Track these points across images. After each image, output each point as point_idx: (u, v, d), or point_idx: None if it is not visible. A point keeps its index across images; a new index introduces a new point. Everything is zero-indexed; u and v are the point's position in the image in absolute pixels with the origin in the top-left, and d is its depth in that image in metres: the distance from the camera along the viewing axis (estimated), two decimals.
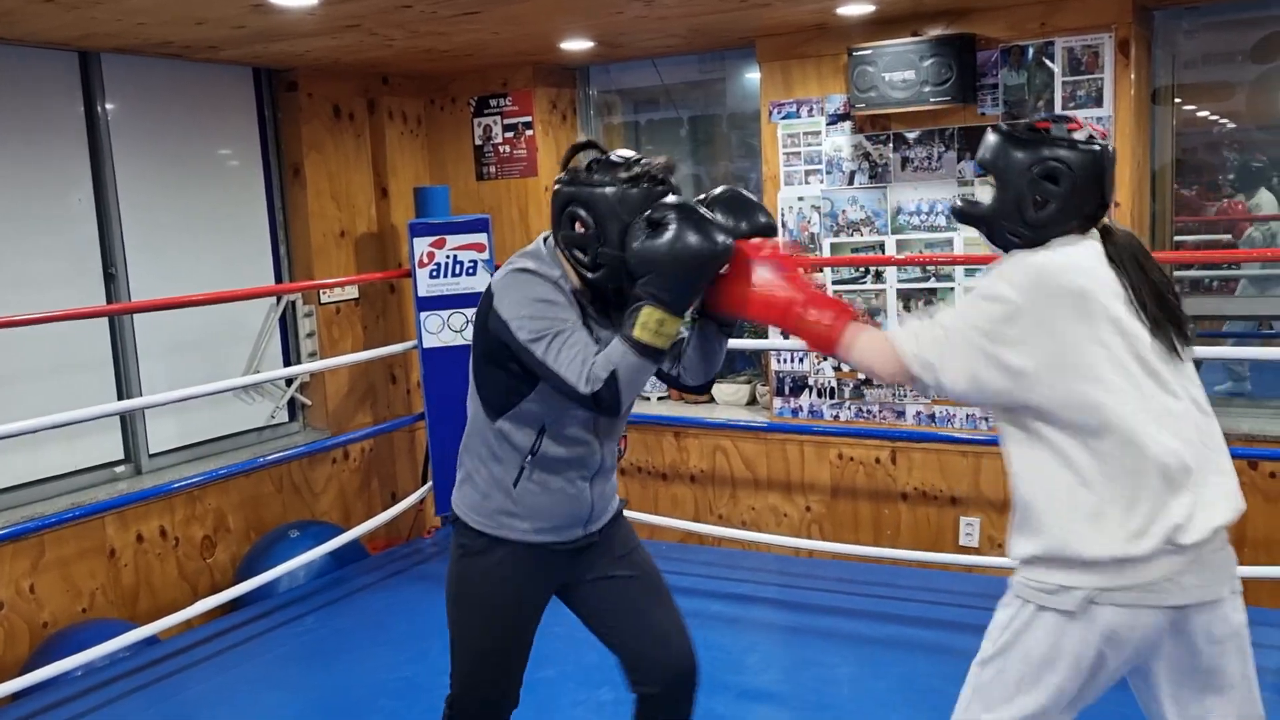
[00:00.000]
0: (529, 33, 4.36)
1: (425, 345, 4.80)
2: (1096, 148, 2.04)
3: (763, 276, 2.13)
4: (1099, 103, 4.20)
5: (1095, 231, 2.08)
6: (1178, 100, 4.72)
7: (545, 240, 2.31)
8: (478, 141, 5.52)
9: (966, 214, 2.16)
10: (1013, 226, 2.05)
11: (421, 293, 4.77)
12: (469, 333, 4.76)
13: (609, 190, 2.15)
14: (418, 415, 5.20)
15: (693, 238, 2.04)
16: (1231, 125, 5.02)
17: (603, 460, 2.36)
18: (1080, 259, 2.00)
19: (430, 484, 4.99)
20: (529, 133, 5.38)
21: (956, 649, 3.84)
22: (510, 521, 2.31)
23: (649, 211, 2.11)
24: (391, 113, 5.46)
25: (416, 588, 4.73)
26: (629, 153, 2.23)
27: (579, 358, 2.10)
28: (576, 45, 4.73)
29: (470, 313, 4.78)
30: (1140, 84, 4.30)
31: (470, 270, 4.74)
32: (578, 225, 2.18)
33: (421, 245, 4.73)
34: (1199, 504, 1.97)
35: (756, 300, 2.14)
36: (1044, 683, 2.01)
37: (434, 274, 4.74)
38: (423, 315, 4.78)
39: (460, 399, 4.79)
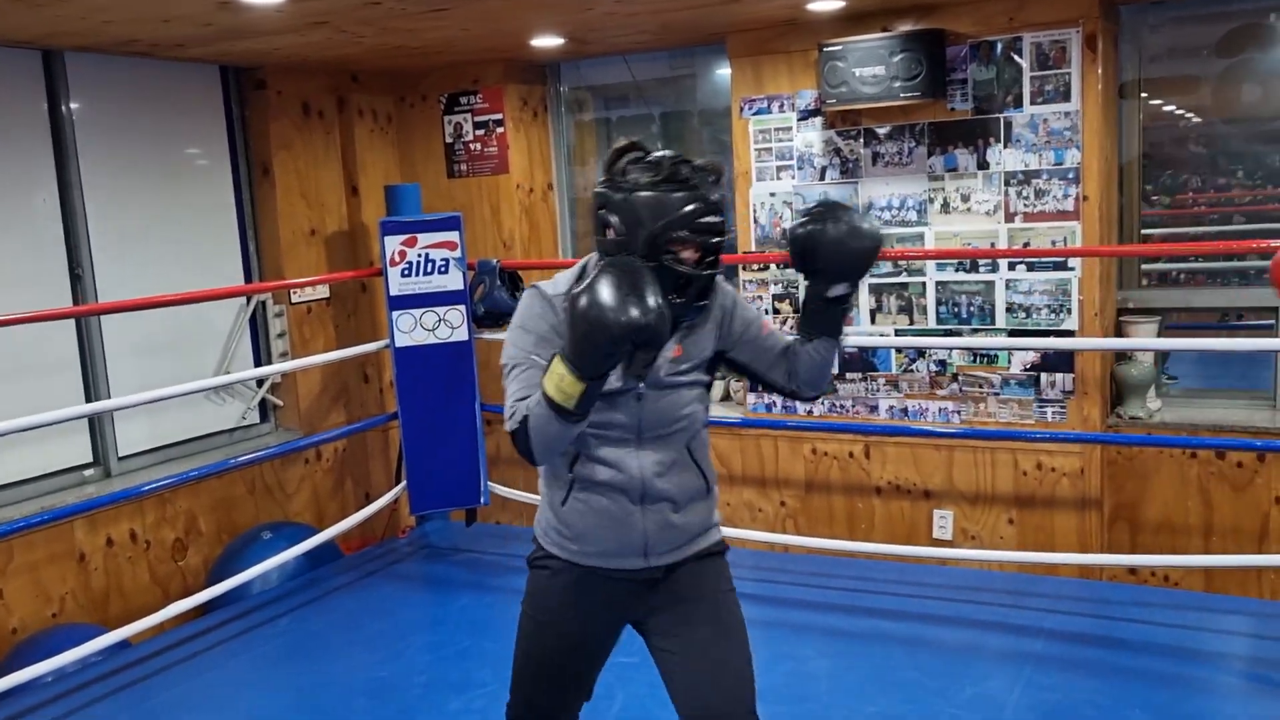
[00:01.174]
0: (499, 30, 4.34)
1: (398, 344, 4.78)
2: None
3: None
4: (1066, 97, 4.24)
5: None
6: (1145, 95, 4.77)
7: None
8: (448, 139, 5.50)
9: None
10: None
11: (393, 291, 4.74)
12: (442, 331, 4.76)
13: (638, 194, 2.05)
14: (391, 415, 5.18)
15: (585, 303, 1.87)
16: (1198, 120, 5.07)
17: (646, 486, 2.20)
18: None
19: (404, 483, 4.97)
20: (500, 130, 5.36)
21: (930, 640, 3.88)
22: (562, 541, 2.27)
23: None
24: (361, 110, 5.42)
25: (391, 587, 4.72)
26: (666, 152, 2.10)
27: (517, 394, 2.08)
28: (547, 42, 4.72)
29: (442, 310, 4.77)
30: (1107, 79, 4.33)
31: (442, 269, 4.73)
32: (609, 231, 2.09)
33: (393, 244, 4.70)
34: None
35: None
36: None
37: (406, 272, 4.72)
38: (395, 314, 4.76)
39: (434, 396, 4.81)
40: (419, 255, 4.70)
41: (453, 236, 4.73)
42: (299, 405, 5.18)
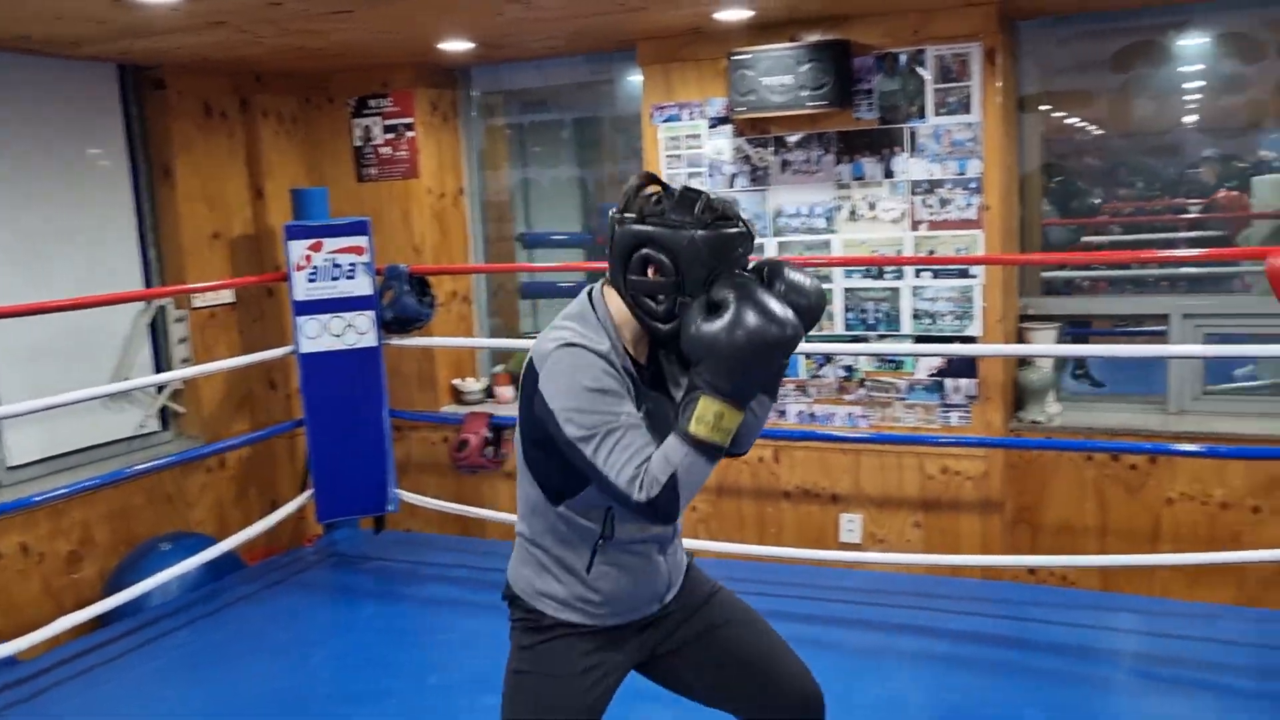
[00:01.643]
0: (406, 33, 4.30)
1: (303, 350, 4.69)
2: None
3: None
4: (968, 109, 4.33)
5: None
6: (1046, 107, 4.90)
7: (590, 294, 2.05)
8: (358, 142, 5.42)
9: None
10: None
11: (299, 296, 4.66)
12: (349, 337, 4.69)
13: (693, 233, 1.91)
14: (297, 421, 5.08)
15: (755, 322, 1.81)
16: (1099, 132, 5.22)
17: (676, 527, 2.14)
18: None
19: (310, 491, 4.89)
20: (410, 134, 5.30)
21: (837, 643, 3.93)
22: (587, 608, 2.09)
23: (710, 290, 1.89)
24: (266, 111, 5.32)
25: (296, 597, 4.63)
26: (698, 189, 2.00)
27: (633, 461, 1.85)
28: (456, 46, 4.68)
29: (350, 316, 4.70)
30: (1007, 92, 4.44)
31: (350, 274, 4.66)
32: (651, 271, 1.94)
33: (298, 248, 4.62)
34: None
35: None
36: None
37: (312, 277, 4.64)
38: (300, 319, 4.67)
39: (341, 403, 4.74)
40: (325, 260, 4.63)
41: (360, 241, 4.66)
42: (201, 412, 5.06)
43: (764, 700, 2.19)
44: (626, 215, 1.98)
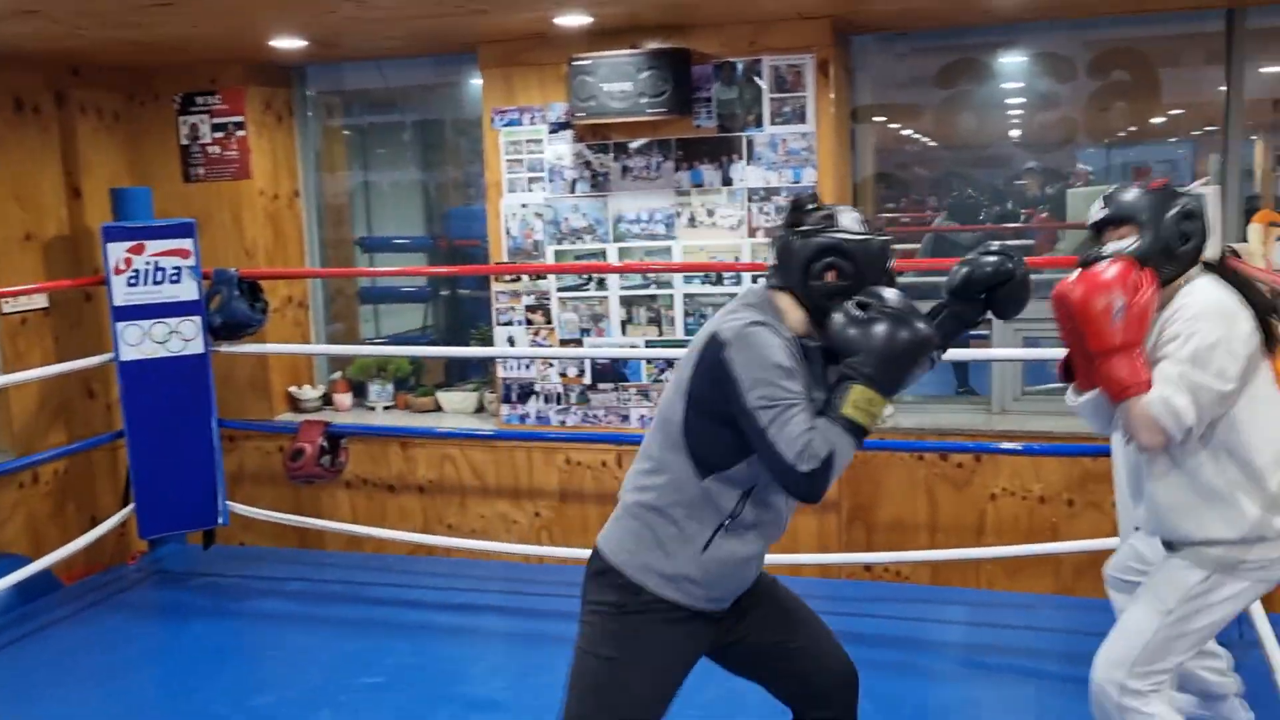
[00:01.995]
0: (234, 29, 4.15)
1: (124, 358, 4.46)
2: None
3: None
4: (802, 119, 4.44)
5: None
6: (879, 119, 5.07)
7: (765, 290, 2.22)
8: (184, 141, 5.20)
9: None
10: (1162, 264, 2.39)
11: (118, 301, 4.43)
12: (174, 343, 4.49)
13: (872, 243, 2.17)
14: (117, 433, 4.83)
15: (906, 330, 2.06)
16: (933, 143, 5.44)
17: (784, 524, 2.27)
18: (1230, 295, 2.40)
19: (133, 505, 4.65)
20: (241, 133, 5.12)
21: None
22: (688, 586, 2.15)
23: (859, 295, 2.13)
24: (84, 107, 5.05)
25: (117, 617, 4.40)
26: (845, 205, 2.25)
27: (802, 436, 2.01)
28: (288, 43, 4.54)
29: (174, 322, 4.49)
30: (840, 103, 4.58)
31: (174, 278, 4.46)
32: (831, 275, 2.14)
33: (117, 250, 4.40)
34: None
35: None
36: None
37: (132, 281, 4.42)
38: (120, 326, 4.44)
39: (166, 412, 4.53)
40: (147, 263, 4.41)
41: (185, 244, 4.46)
42: (12, 424, 4.76)
43: (812, 684, 2.36)
44: (802, 228, 2.18)
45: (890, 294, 2.13)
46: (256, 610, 4.44)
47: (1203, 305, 2.35)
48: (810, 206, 2.22)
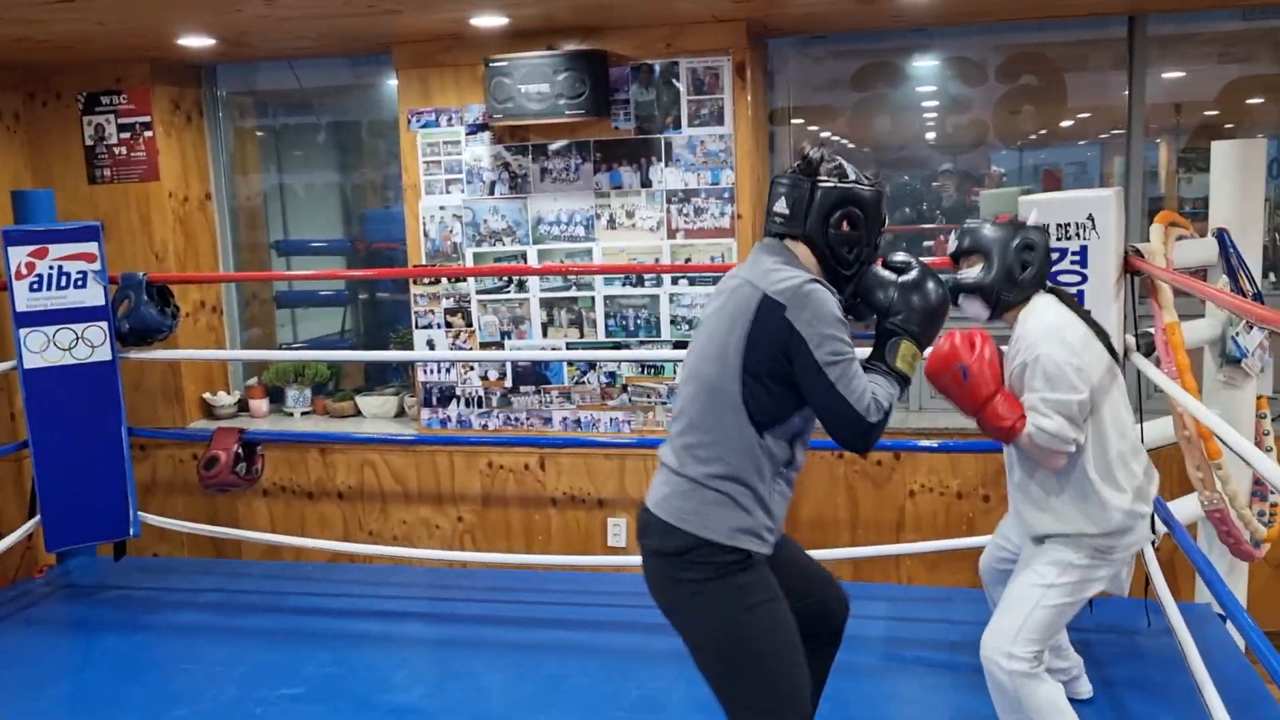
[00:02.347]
0: (139, 26, 4.05)
1: (27, 365, 4.31)
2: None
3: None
4: (720, 121, 4.47)
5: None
6: (797, 121, 5.12)
7: (770, 247, 2.29)
8: (89, 142, 5.06)
9: (964, 287, 2.71)
10: (1005, 290, 2.68)
11: (20, 308, 4.28)
12: (80, 350, 4.36)
13: (878, 194, 2.29)
14: (21, 443, 4.68)
15: (941, 289, 2.29)
16: (850, 144, 5.50)
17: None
18: (1061, 311, 2.67)
19: (39, 518, 4.50)
20: (148, 134, 4.99)
21: (602, 647, 3.95)
22: (768, 535, 2.25)
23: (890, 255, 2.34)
24: None
25: (23, 634, 4.25)
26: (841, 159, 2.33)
27: (867, 388, 2.16)
28: (196, 42, 4.45)
29: (80, 328, 4.36)
30: (757, 105, 4.61)
31: (79, 283, 4.32)
32: (846, 225, 2.25)
33: (18, 255, 4.25)
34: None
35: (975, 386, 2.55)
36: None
37: (35, 286, 4.27)
38: (23, 332, 4.30)
39: (72, 421, 4.39)
40: (50, 268, 4.27)
41: (90, 248, 4.33)
42: None
43: (824, 604, 2.50)
44: (825, 177, 2.26)
45: (910, 258, 2.33)
46: (170, 623, 4.33)
47: (1037, 330, 2.61)
48: (822, 157, 2.29)
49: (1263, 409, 3.71)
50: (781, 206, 2.28)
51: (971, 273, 2.72)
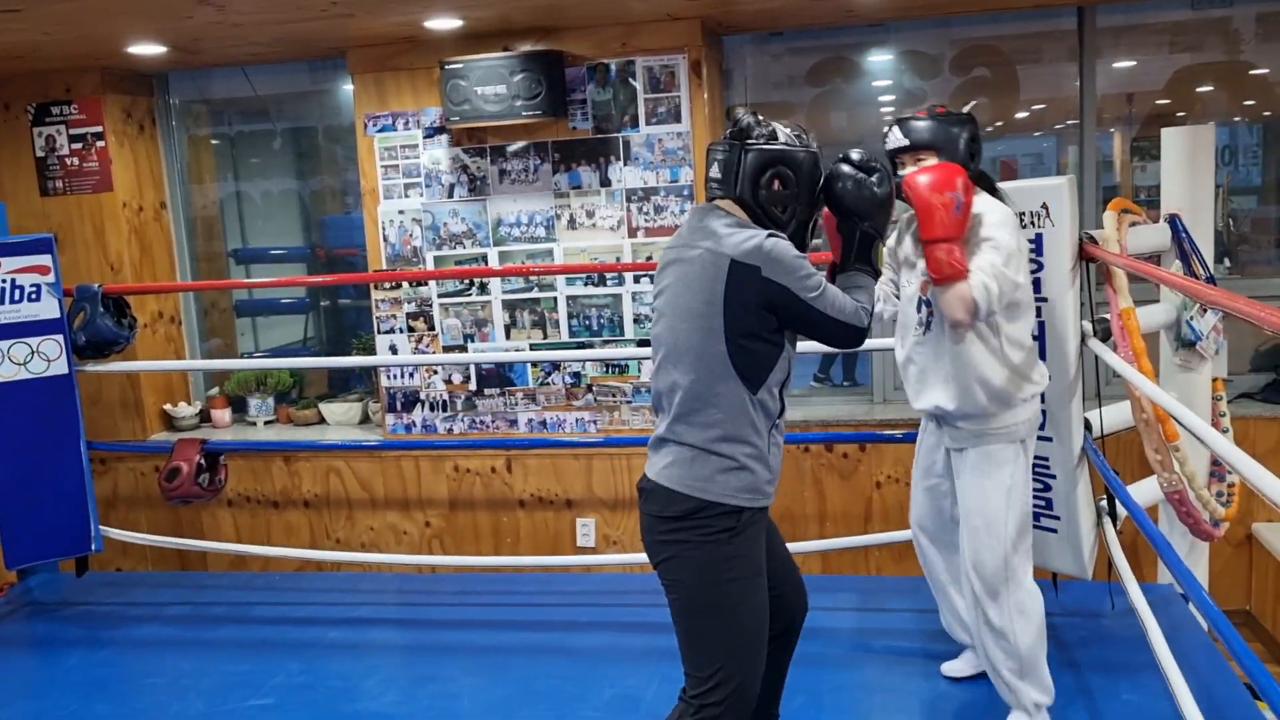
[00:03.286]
0: (87, 35, 4.00)
1: None
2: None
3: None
4: (678, 118, 4.48)
5: None
6: None
7: (711, 211, 2.35)
8: (40, 153, 4.99)
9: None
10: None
11: None
12: (36, 364, 4.30)
13: (811, 153, 2.36)
14: None
15: (890, 186, 2.44)
16: None
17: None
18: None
19: None
20: (100, 144, 4.93)
21: (573, 647, 3.95)
22: (768, 488, 2.34)
23: (854, 155, 2.43)
24: None
25: None
26: (781, 121, 2.39)
27: (848, 300, 2.33)
28: (147, 50, 4.40)
29: (35, 342, 4.30)
30: (714, 101, 4.63)
31: (33, 295, 4.26)
32: (777, 184, 2.32)
33: None
34: None
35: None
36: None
37: None
38: None
39: (29, 436, 4.33)
40: (3, 281, 4.21)
41: (44, 260, 4.27)
42: None
43: (790, 596, 2.60)
44: (754, 140, 2.33)
45: (872, 157, 2.46)
46: (135, 637, 4.27)
47: (1001, 216, 2.69)
48: (751, 122, 2.36)
49: (1218, 391, 3.76)
50: (715, 171, 2.37)
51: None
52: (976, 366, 2.74)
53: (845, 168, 2.43)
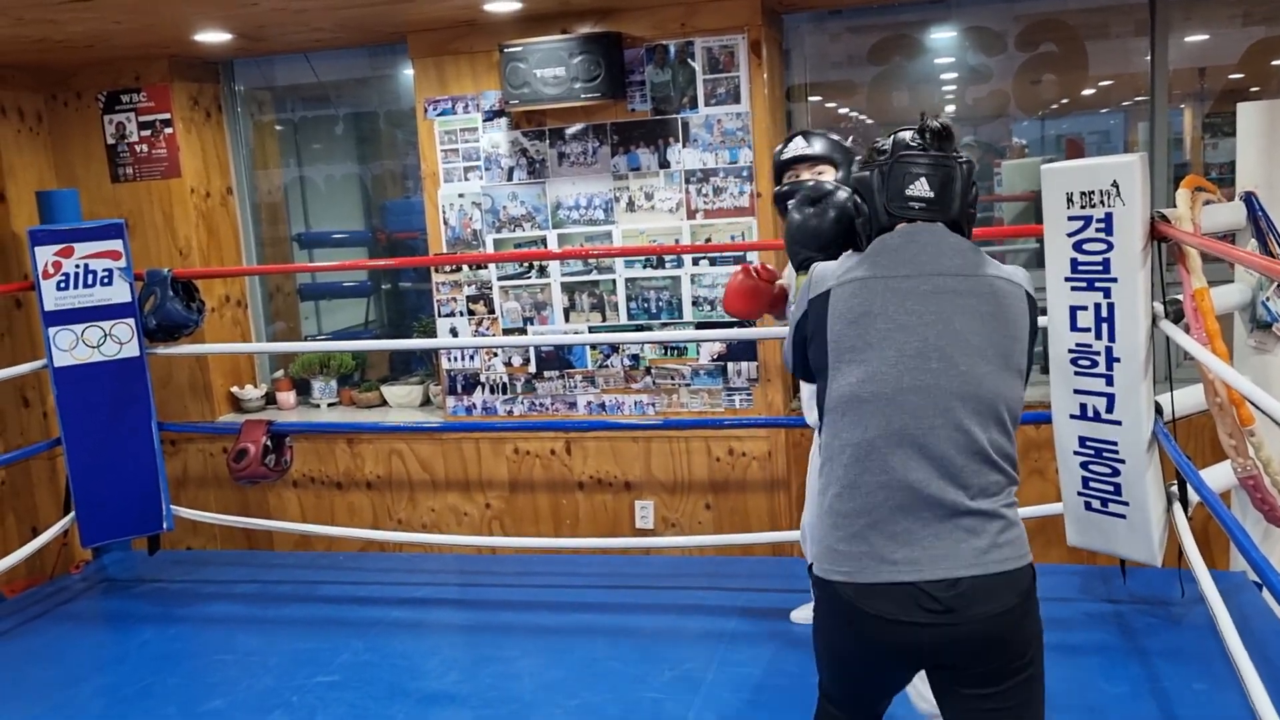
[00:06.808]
0: (155, 23, 4.06)
1: (58, 364, 4.37)
2: None
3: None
4: (737, 99, 4.45)
5: None
6: (815, 98, 5.08)
7: (941, 239, 2.05)
8: (111, 140, 5.09)
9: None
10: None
11: (49, 306, 4.33)
12: (109, 347, 4.40)
13: (868, 174, 2.11)
14: (55, 440, 4.73)
15: None
16: (869, 120, 5.45)
17: None
18: None
19: (74, 514, 4.56)
20: (169, 131, 5.02)
21: (633, 629, 3.97)
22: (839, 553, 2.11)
23: (812, 191, 2.39)
24: (5, 109, 4.93)
25: (61, 629, 4.31)
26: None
27: None
28: (213, 37, 4.47)
29: (108, 325, 4.40)
30: (774, 82, 4.58)
31: (106, 280, 4.36)
32: (977, 201, 2.12)
33: (45, 254, 4.29)
34: None
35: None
36: None
37: (62, 285, 4.32)
38: (52, 331, 4.35)
39: (103, 417, 4.44)
40: (77, 266, 4.32)
41: (115, 245, 4.37)
42: None
43: None
44: (957, 155, 2.06)
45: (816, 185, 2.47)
46: (205, 614, 4.38)
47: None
48: (953, 130, 2.08)
49: None
50: (923, 189, 2.01)
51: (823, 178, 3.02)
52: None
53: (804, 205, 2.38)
